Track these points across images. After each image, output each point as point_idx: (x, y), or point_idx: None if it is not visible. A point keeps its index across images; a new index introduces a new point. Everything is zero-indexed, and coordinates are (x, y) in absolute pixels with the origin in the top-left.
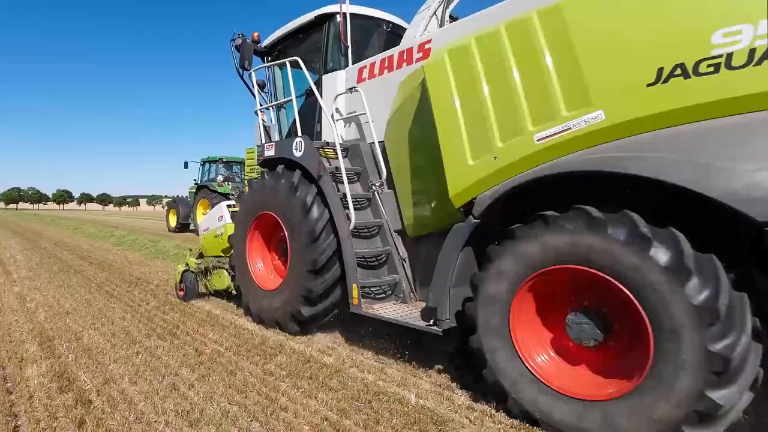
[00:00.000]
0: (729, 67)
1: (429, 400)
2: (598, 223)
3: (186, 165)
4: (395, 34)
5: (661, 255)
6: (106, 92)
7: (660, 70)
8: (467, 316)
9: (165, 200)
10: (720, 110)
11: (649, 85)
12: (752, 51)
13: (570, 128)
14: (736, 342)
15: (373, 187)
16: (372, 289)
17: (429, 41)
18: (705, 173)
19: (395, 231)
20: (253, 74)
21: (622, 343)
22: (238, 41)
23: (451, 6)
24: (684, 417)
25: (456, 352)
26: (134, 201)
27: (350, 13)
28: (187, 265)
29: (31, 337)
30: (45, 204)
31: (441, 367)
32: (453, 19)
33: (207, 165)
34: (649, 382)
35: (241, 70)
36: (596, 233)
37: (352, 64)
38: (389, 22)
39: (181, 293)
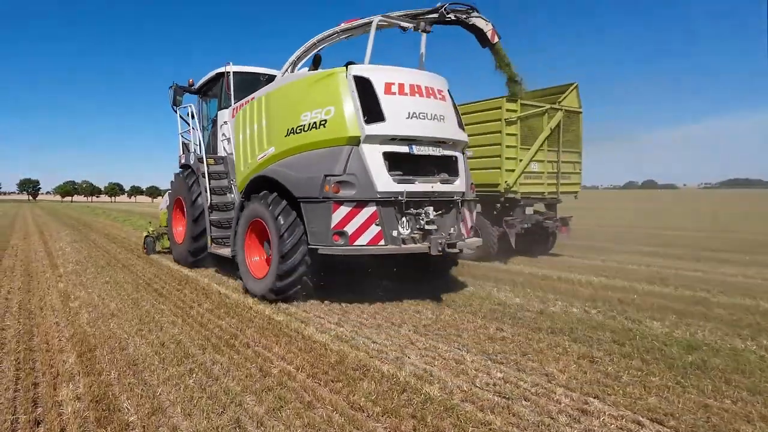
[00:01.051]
0: (303, 130)
1: None
2: (264, 199)
3: None
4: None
5: (273, 211)
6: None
7: (289, 129)
8: (233, 237)
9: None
10: (303, 149)
11: (285, 136)
12: (310, 124)
13: (266, 154)
14: (290, 260)
15: (231, 182)
16: (223, 240)
17: (253, 97)
18: (288, 176)
19: None
20: (178, 110)
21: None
22: (174, 87)
23: (299, 65)
24: (269, 290)
25: None
26: None
27: (234, 72)
28: (148, 232)
29: (70, 345)
30: (98, 196)
31: (583, 398)
32: None
33: None
34: (269, 272)
35: (174, 107)
36: (262, 203)
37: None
38: (266, 74)
39: (144, 251)
